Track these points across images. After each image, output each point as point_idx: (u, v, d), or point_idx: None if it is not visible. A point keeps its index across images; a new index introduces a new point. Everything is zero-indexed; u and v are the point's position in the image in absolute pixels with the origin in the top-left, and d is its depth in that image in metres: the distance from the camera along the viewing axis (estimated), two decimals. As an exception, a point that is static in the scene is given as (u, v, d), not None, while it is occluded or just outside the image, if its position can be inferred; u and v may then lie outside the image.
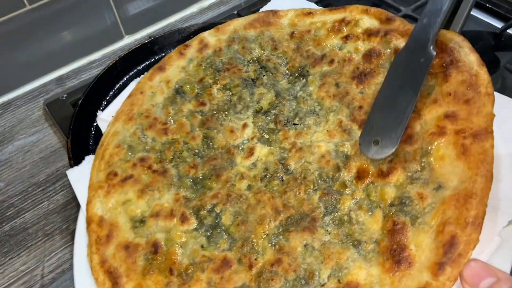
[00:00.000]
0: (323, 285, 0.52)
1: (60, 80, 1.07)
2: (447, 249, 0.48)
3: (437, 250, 0.49)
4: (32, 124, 0.97)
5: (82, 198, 0.69)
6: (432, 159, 0.56)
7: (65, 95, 0.97)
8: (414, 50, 0.60)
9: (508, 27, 0.92)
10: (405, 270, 0.49)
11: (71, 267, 0.53)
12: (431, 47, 0.59)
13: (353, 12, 0.71)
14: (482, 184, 0.51)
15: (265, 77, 0.73)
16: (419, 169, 0.56)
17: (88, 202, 0.67)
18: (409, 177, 0.56)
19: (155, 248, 0.61)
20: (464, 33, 0.63)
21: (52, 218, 0.61)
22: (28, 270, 0.73)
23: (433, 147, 0.56)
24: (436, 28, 0.60)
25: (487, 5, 0.98)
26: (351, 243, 0.54)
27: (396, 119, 0.57)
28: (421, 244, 0.51)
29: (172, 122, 0.73)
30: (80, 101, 0.86)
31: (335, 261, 0.53)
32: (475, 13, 0.93)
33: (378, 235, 0.54)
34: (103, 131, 0.77)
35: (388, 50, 0.67)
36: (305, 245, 0.56)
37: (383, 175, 0.57)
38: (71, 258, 0.55)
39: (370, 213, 0.56)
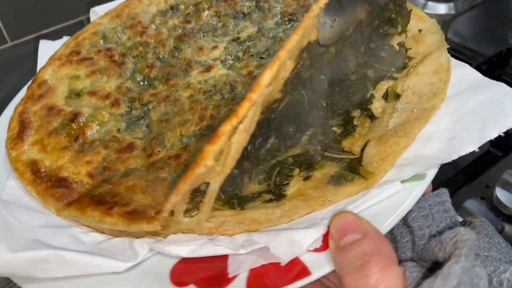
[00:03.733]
0: None
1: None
2: None
3: None
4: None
5: (40, 64, 0.70)
6: None
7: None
8: None
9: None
10: None
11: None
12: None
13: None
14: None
15: (256, 14, 0.71)
16: None
17: (43, 67, 0.67)
18: None
19: (74, 117, 0.59)
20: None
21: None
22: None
23: None
24: None
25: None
26: None
27: None
28: None
29: (152, 29, 0.72)
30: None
31: None
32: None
33: None
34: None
35: None
36: (211, 151, 0.52)
37: None
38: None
39: None
